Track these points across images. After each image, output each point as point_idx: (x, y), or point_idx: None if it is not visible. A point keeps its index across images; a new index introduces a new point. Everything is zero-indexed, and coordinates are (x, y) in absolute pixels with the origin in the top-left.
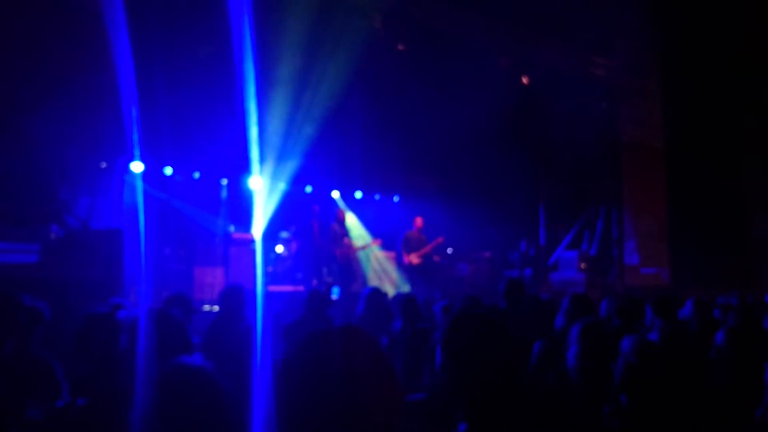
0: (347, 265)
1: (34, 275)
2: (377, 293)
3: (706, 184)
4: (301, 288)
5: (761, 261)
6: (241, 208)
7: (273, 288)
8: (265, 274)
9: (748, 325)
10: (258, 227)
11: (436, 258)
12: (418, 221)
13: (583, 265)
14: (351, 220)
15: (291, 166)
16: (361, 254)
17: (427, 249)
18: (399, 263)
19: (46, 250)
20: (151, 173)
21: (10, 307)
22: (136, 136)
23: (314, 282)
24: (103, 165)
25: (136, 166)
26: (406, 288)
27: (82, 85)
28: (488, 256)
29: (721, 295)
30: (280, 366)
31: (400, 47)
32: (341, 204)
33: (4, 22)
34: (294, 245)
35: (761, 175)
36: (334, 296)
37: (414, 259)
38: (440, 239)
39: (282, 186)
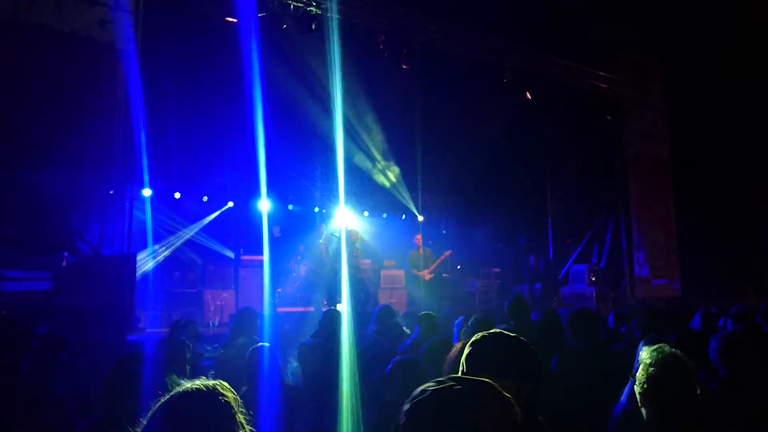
0: (359, 284)
1: (47, 302)
2: (388, 310)
3: (714, 194)
4: (311, 309)
5: None
6: (249, 230)
7: (282, 309)
8: (274, 295)
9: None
10: (266, 249)
11: (445, 275)
12: (418, 239)
13: (593, 278)
14: (360, 238)
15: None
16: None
17: (436, 264)
18: (409, 280)
19: (58, 277)
20: (161, 198)
21: (24, 333)
22: (145, 162)
23: (324, 302)
24: (111, 192)
25: (146, 192)
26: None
27: (93, 112)
28: (498, 272)
29: (734, 305)
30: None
31: (404, 66)
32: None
33: (16, 52)
34: (303, 267)
35: None
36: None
37: (426, 275)
38: (448, 252)
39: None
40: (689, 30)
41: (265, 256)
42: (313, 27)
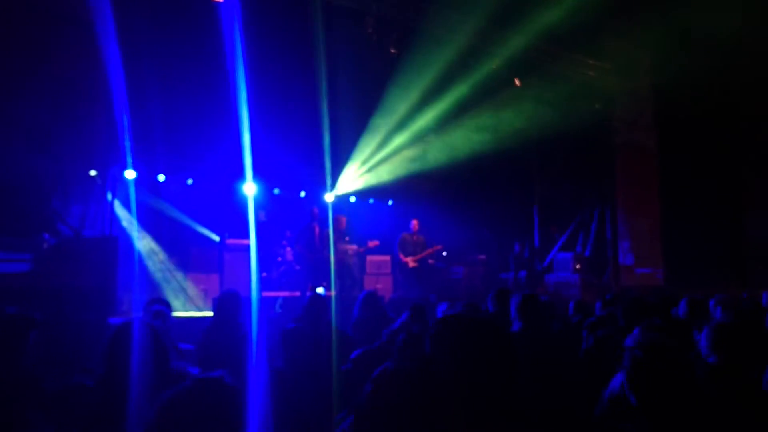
0: (345, 269)
1: (26, 284)
2: (373, 296)
3: (699, 184)
4: (297, 294)
5: (755, 260)
6: (235, 214)
7: (268, 294)
8: (260, 279)
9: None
10: (252, 233)
11: (431, 261)
12: (414, 224)
13: (577, 266)
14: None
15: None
16: None
17: (424, 254)
18: (394, 266)
19: (38, 259)
20: (144, 180)
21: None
22: (128, 144)
23: (311, 287)
24: (93, 173)
25: (129, 174)
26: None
27: (75, 93)
28: (483, 259)
29: (715, 295)
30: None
31: (392, 51)
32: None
33: None
34: (289, 251)
35: (754, 175)
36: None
37: (411, 262)
38: (439, 247)
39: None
40: (679, 21)
41: (252, 241)
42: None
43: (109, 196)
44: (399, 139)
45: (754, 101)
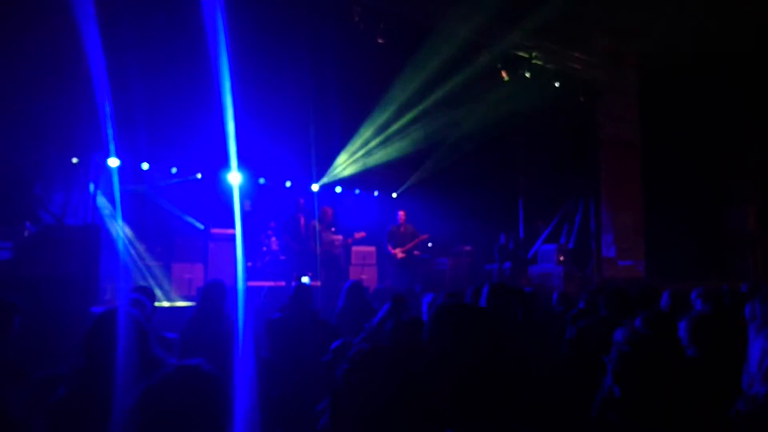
0: (331, 260)
1: (7, 273)
2: (357, 287)
3: (681, 178)
4: (282, 284)
5: (735, 252)
6: (219, 203)
7: (253, 283)
8: (245, 269)
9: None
10: (237, 222)
11: (416, 252)
12: (401, 215)
13: (561, 258)
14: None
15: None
16: None
17: (411, 245)
18: (382, 257)
19: (19, 247)
20: (128, 169)
21: None
22: (110, 131)
23: (296, 277)
24: (75, 160)
25: (112, 162)
26: None
27: (56, 80)
28: (468, 250)
29: (696, 287)
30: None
31: (380, 41)
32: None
33: None
34: (274, 241)
35: (734, 169)
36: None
37: (399, 253)
38: (425, 236)
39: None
40: (665, 17)
41: (237, 230)
42: None
43: (92, 186)
44: (386, 130)
45: (737, 99)
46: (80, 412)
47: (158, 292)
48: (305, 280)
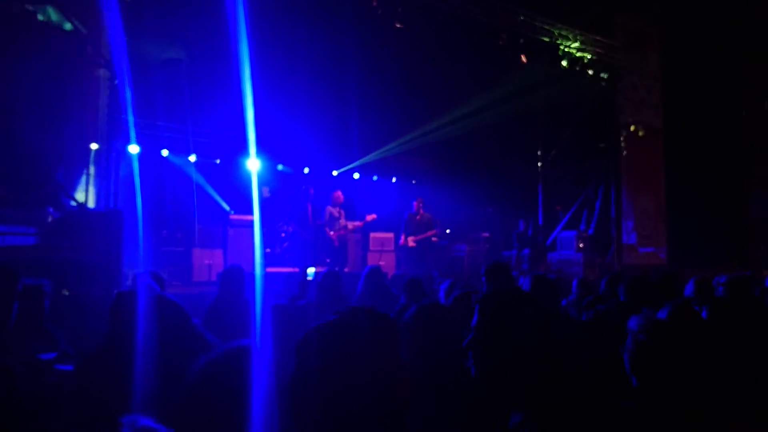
0: (342, 247)
1: (32, 258)
2: (377, 272)
3: (704, 163)
4: (296, 270)
5: (758, 240)
6: (239, 189)
7: (271, 269)
8: (264, 255)
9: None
10: (256, 208)
11: (434, 239)
12: (416, 204)
13: (581, 245)
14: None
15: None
16: None
17: (423, 236)
18: (397, 244)
19: (43, 232)
20: (148, 155)
21: (10, 278)
22: (131, 118)
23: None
24: (95, 147)
25: (133, 148)
26: None
27: (76, 67)
28: (487, 236)
29: (719, 275)
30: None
31: (398, 26)
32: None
33: None
34: (291, 227)
35: (758, 155)
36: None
37: (410, 242)
38: (433, 231)
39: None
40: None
41: (256, 216)
42: None
43: (113, 171)
44: (404, 117)
45: (761, 82)
46: (102, 384)
47: None
48: (310, 271)
